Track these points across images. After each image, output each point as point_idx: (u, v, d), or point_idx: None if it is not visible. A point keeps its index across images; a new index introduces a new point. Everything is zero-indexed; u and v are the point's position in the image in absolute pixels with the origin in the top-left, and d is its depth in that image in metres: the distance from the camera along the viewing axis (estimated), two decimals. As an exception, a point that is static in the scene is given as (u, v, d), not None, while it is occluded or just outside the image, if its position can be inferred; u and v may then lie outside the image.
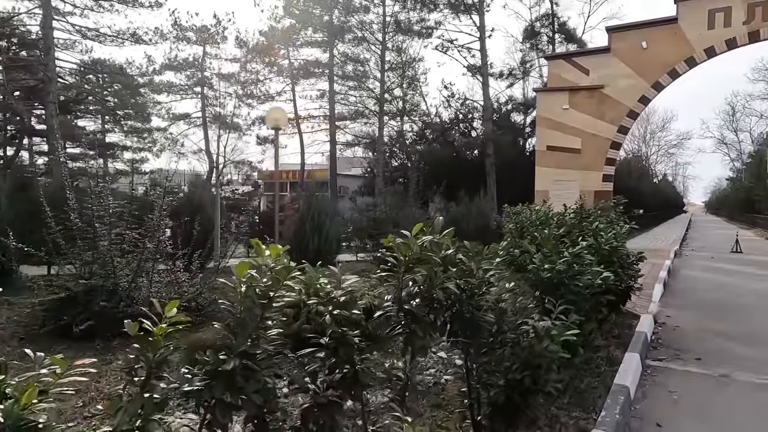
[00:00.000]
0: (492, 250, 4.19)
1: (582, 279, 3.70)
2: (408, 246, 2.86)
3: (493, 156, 22.37)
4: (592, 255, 5.43)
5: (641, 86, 14.19)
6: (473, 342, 3.32)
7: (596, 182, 14.77)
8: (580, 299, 3.73)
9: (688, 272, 13.34)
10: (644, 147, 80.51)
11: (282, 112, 7.63)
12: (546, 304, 3.65)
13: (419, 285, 3.00)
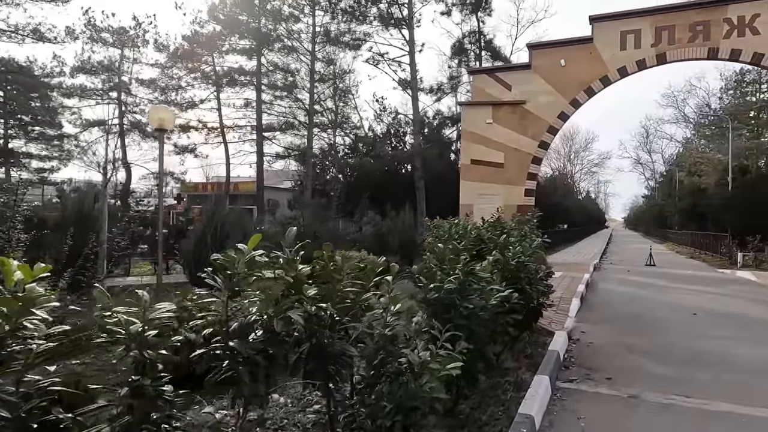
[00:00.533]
0: (392, 268, 3.65)
1: (474, 300, 3.20)
2: (232, 263, 2.21)
3: (422, 170, 22.24)
4: (499, 270, 5.03)
5: (560, 103, 14.46)
6: (336, 382, 2.71)
7: (519, 196, 14.81)
8: (472, 322, 3.22)
9: (605, 285, 13.55)
10: (569, 165, 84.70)
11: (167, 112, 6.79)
12: (433, 330, 3.12)
13: (258, 314, 2.35)
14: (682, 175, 51.00)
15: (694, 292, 12.62)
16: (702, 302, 11.00)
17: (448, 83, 23.63)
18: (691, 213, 37.55)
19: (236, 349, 2.09)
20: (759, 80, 40.60)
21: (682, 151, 55.19)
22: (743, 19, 12.54)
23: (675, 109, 57.02)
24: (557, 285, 12.27)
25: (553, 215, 44.64)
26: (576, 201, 68.51)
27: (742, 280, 15.72)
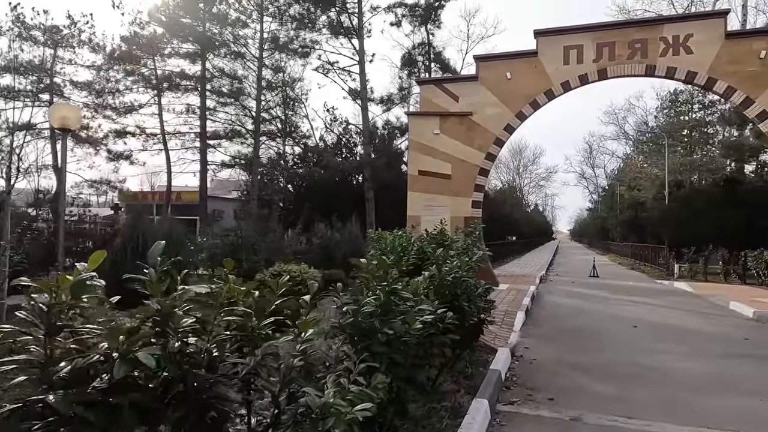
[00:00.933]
0: (311, 286, 3.18)
1: (395, 324, 2.78)
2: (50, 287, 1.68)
3: (372, 181, 21.91)
4: (435, 287, 4.65)
5: (506, 115, 14.49)
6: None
7: (466, 208, 14.68)
8: (394, 350, 2.80)
9: (550, 298, 13.55)
10: (518, 179, 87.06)
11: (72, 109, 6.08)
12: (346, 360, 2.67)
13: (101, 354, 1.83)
14: (622, 189, 53.24)
15: (635, 303, 12.79)
16: (642, 314, 11.11)
17: (398, 94, 23.55)
18: (631, 225, 39.08)
19: (54, 406, 1.55)
20: (691, 101, 42.96)
21: (622, 167, 57.69)
22: (678, 38, 12.99)
23: (616, 126, 59.61)
24: (503, 298, 12.15)
25: (502, 227, 45.44)
26: (524, 213, 70.27)
27: (679, 291, 16.18)
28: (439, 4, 23.39)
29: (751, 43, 12.53)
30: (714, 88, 12.90)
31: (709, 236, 24.05)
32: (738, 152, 23.75)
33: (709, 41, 12.76)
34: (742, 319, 10.66)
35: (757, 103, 12.50)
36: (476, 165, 14.66)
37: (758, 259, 17.47)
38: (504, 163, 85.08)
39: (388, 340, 2.72)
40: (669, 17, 15.62)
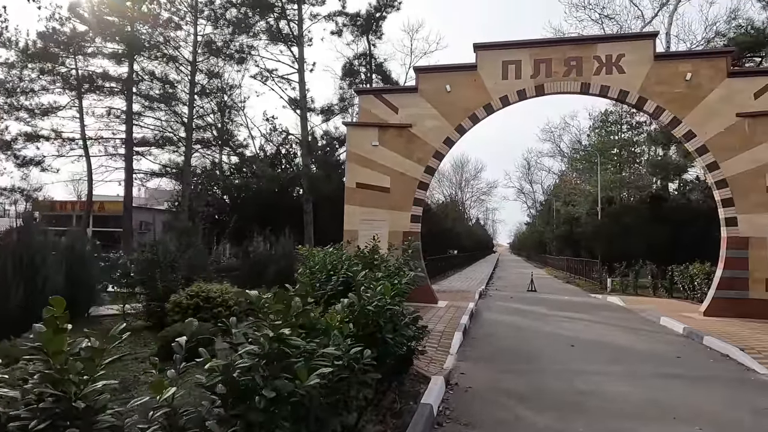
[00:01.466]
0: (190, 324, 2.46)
1: (279, 383, 2.13)
2: None
3: (310, 193, 21.10)
4: (353, 317, 4.03)
5: (446, 128, 14.23)
6: None
7: (405, 223, 14.23)
8: (277, 416, 2.13)
9: (489, 315, 13.27)
10: (460, 193, 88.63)
11: None
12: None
13: None
14: (558, 204, 55.19)
15: (571, 319, 12.73)
16: (578, 331, 10.99)
17: (339, 104, 22.99)
18: (567, 240, 40.32)
19: None
20: (620, 121, 45.25)
21: (558, 183, 59.90)
22: (610, 58, 13.23)
23: (552, 144, 61.97)
24: (441, 317, 11.72)
25: (445, 241, 45.71)
26: (466, 227, 71.40)
27: (613, 305, 16.45)
28: (381, 15, 23.16)
29: (677, 65, 12.96)
30: (644, 108, 13.22)
31: (639, 251, 25.00)
32: (663, 170, 24.94)
33: (640, 62, 13.09)
34: (673, 335, 10.75)
35: (683, 123, 12.90)
36: (415, 178, 14.27)
37: (683, 273, 18.14)
38: (447, 177, 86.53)
39: (267, 405, 2.05)
40: (602, 37, 16.07)
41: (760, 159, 12.38)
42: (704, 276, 16.33)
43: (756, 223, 12.34)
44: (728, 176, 12.61)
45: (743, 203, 12.45)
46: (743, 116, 12.54)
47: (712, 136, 12.74)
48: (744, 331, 10.50)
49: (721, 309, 12.36)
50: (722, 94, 12.70)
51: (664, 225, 25.59)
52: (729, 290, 12.43)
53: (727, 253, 12.59)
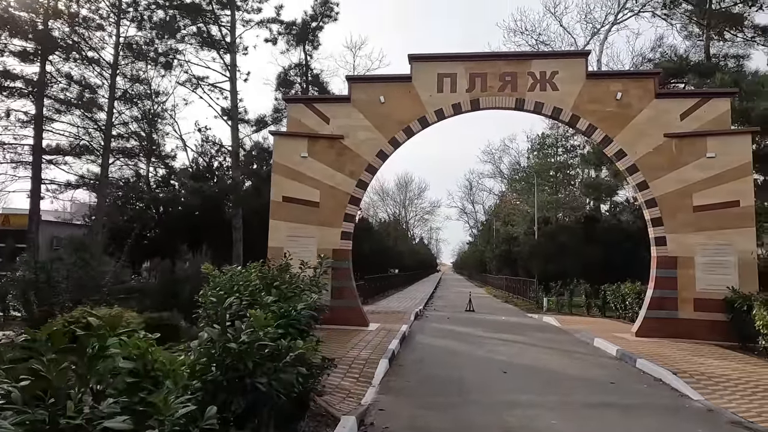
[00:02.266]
0: None
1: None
2: None
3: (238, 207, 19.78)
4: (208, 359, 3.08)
5: (379, 141, 13.57)
6: None
7: (335, 239, 13.33)
8: None
9: (422, 338, 12.52)
10: (404, 212, 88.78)
11: None
12: None
13: None
14: (498, 224, 56.13)
15: (506, 342, 12.20)
16: (512, 355, 10.42)
17: (273, 115, 21.91)
18: (505, 259, 40.71)
19: None
20: (556, 144, 46.78)
21: (498, 203, 61.04)
22: (544, 74, 13.10)
23: (493, 165, 63.32)
24: (369, 341, 10.84)
25: (386, 260, 45.07)
26: (409, 246, 71.28)
27: (548, 326, 16.18)
28: (317, 25, 22.45)
29: (608, 85, 13.00)
30: (577, 126, 13.14)
31: (574, 270, 25.31)
32: (596, 191, 25.53)
33: (572, 80, 13.03)
34: (606, 358, 10.40)
35: (615, 142, 12.89)
36: (347, 192, 13.46)
37: (615, 293, 18.26)
38: (391, 196, 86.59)
39: None
40: (536, 53, 16.09)
41: (686, 179, 12.50)
42: (635, 295, 16.42)
43: (683, 242, 12.39)
44: (657, 196, 12.65)
45: (671, 223, 12.50)
46: (670, 137, 12.67)
47: (641, 155, 12.78)
48: (675, 353, 10.30)
49: (652, 329, 12.24)
50: (650, 115, 12.81)
51: (597, 245, 26.12)
52: (659, 310, 12.35)
53: (657, 272, 12.56)
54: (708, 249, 12.21)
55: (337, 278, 13.19)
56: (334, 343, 10.29)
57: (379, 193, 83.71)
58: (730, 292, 11.57)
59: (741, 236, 12.07)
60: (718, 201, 12.24)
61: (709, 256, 12.20)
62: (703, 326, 11.95)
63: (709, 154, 12.39)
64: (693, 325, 12.06)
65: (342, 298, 13.14)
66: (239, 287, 6.69)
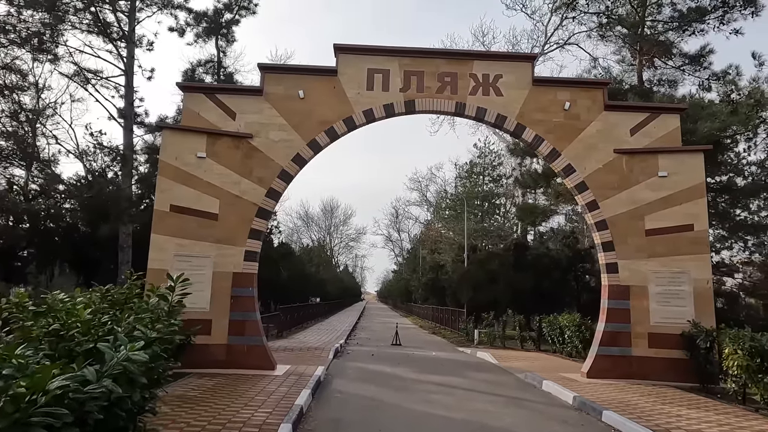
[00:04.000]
0: None
1: None
2: None
3: (120, 221, 16.49)
4: None
5: (297, 143, 11.31)
6: None
7: (237, 261, 10.75)
8: None
9: (341, 384, 10.13)
10: (329, 238, 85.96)
11: None
12: None
13: None
14: (425, 252, 55.05)
15: (443, 388, 10.11)
16: (451, 408, 8.32)
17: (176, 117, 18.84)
18: (432, 287, 39.24)
19: None
20: (483, 173, 46.80)
21: (424, 230, 60.18)
22: (488, 77, 11.60)
23: (419, 193, 62.74)
24: (271, 393, 8.30)
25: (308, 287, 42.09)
26: (333, 273, 68.47)
27: (485, 364, 14.35)
28: (233, 18, 19.98)
29: (556, 93, 11.71)
30: (523, 136, 11.68)
31: (505, 299, 24.07)
32: (531, 215, 24.65)
33: (518, 85, 11.63)
34: (564, 408, 8.59)
35: (563, 156, 11.54)
36: (254, 203, 10.99)
37: (552, 324, 16.92)
38: (315, 221, 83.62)
39: None
40: (478, 53, 14.68)
41: (637, 199, 11.33)
42: (575, 328, 15.09)
43: (636, 270, 11.10)
44: (608, 217, 11.35)
45: (623, 248, 11.21)
46: (621, 152, 11.52)
47: (591, 172, 11.50)
48: (639, 399, 8.71)
49: (605, 369, 10.71)
50: (600, 128, 11.63)
51: (527, 273, 25.17)
52: (611, 346, 10.87)
53: (608, 303, 11.14)
54: (662, 277, 11.00)
55: (238, 309, 10.57)
56: (222, 397, 7.68)
57: (303, 218, 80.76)
58: (691, 327, 10.32)
59: (695, 263, 10.97)
60: (670, 224, 11.14)
61: (663, 285, 10.97)
62: (659, 365, 10.60)
63: (660, 172, 11.32)
64: (648, 363, 10.67)
65: (242, 335, 10.50)
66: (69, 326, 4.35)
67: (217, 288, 10.55)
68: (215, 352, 10.33)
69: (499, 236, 37.20)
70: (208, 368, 10.09)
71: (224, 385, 8.70)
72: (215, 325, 10.44)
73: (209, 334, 10.35)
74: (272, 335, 19.61)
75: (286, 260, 32.69)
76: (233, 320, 10.53)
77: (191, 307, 10.27)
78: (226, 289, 10.59)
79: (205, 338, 10.27)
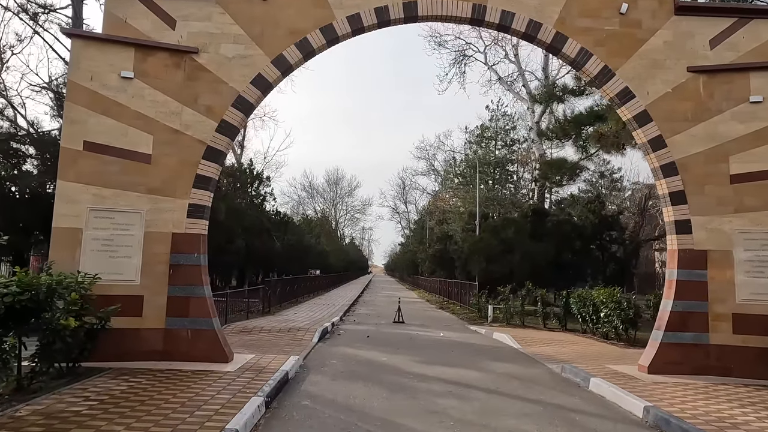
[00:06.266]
0: None
1: None
2: None
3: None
4: None
5: (258, 60, 8.40)
6: None
7: (177, 218, 8.00)
8: None
9: (316, 384, 7.48)
10: (333, 210, 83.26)
11: None
12: None
13: None
14: (432, 223, 52.24)
15: (454, 387, 7.42)
16: (465, 424, 5.62)
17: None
18: (440, 259, 36.56)
19: None
20: (495, 137, 43.54)
21: (432, 200, 57.24)
22: (516, -30, 8.52)
23: (427, 162, 59.57)
24: (204, 404, 5.61)
25: (308, 259, 39.56)
26: (337, 245, 66.06)
27: (505, 349, 11.67)
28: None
29: (609, -10, 8.64)
30: (564, 50, 8.68)
31: (522, 271, 21.33)
32: (559, 170, 21.55)
33: (557, -20, 8.56)
34: (630, 425, 5.87)
35: (617, 76, 8.57)
36: (200, 141, 8.17)
37: (583, 300, 14.15)
38: (320, 192, 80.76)
39: None
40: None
41: (719, 134, 8.38)
42: (614, 305, 12.33)
43: (717, 229, 8.23)
44: (678, 159, 8.43)
45: (699, 200, 8.32)
46: (696, 71, 8.51)
47: (655, 98, 8.52)
48: (738, 412, 5.96)
49: (673, 362, 7.96)
50: (668, 39, 8.60)
51: (546, 242, 22.34)
52: (681, 332, 8.09)
53: (678, 274, 8.30)
54: (753, 239, 8.12)
55: (179, 281, 7.87)
56: (118, 416, 5.01)
57: (307, 190, 77.95)
58: (802, 306, 7.49)
59: (800, 220, 8.07)
60: (766, 167, 8.19)
61: (754, 250, 8.10)
62: (748, 356, 7.84)
63: (753, 97, 8.32)
64: (732, 354, 7.91)
65: (185, 316, 7.82)
66: None
67: (150, 254, 7.83)
68: (148, 340, 7.68)
69: (512, 203, 34.27)
70: (139, 360, 7.47)
71: (141, 390, 6.05)
72: (148, 304, 7.76)
73: (140, 315, 7.70)
74: (255, 312, 17.07)
75: (281, 229, 30.05)
76: (173, 297, 7.84)
77: (113, 279, 7.62)
78: (162, 255, 7.87)
79: (134, 321, 7.63)
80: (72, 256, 7.53)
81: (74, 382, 6.36)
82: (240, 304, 16.70)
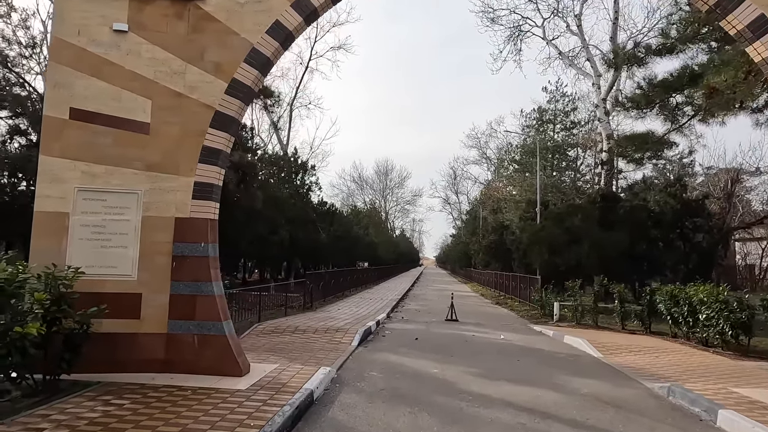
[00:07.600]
0: None
1: None
2: None
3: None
4: None
5: (275, 4, 6.84)
6: None
7: (180, 199, 6.58)
8: None
9: (345, 408, 5.89)
10: (383, 202, 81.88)
11: None
12: None
13: None
14: (485, 212, 49.71)
15: (522, 417, 5.60)
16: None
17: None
18: (495, 251, 34.32)
19: None
20: (554, 120, 40.56)
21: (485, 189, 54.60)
22: None
23: (478, 150, 56.99)
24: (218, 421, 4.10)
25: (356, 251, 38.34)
26: (387, 237, 64.74)
27: (583, 359, 9.64)
28: None
29: None
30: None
31: (591, 264, 18.96)
32: (641, 147, 18.81)
33: None
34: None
35: (748, 1, 6.33)
36: (207, 105, 6.71)
37: (674, 298, 11.82)
38: (369, 183, 79.58)
39: None
40: None
41: None
42: (720, 305, 10.01)
43: None
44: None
45: None
46: None
47: (803, 28, 6.24)
48: None
49: (835, 388, 5.76)
50: (822, -53, 6.27)
51: (618, 231, 19.77)
52: None
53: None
54: None
55: (184, 277, 6.47)
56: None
57: (356, 181, 76.97)
58: None
59: None
60: None
61: None
62: None
63: None
64: None
65: (191, 318, 6.42)
66: None
67: (148, 243, 6.46)
68: (147, 347, 6.33)
69: (576, 190, 31.43)
70: (136, 371, 6.15)
71: (115, 420, 4.64)
72: (147, 304, 6.40)
73: (137, 317, 6.36)
74: (297, 307, 15.80)
75: (327, 220, 28.83)
76: (176, 295, 6.45)
77: (105, 274, 6.30)
78: (163, 245, 6.49)
79: (130, 324, 6.30)
80: (57, 246, 6.26)
81: (45, 402, 5.06)
82: (281, 299, 15.54)
